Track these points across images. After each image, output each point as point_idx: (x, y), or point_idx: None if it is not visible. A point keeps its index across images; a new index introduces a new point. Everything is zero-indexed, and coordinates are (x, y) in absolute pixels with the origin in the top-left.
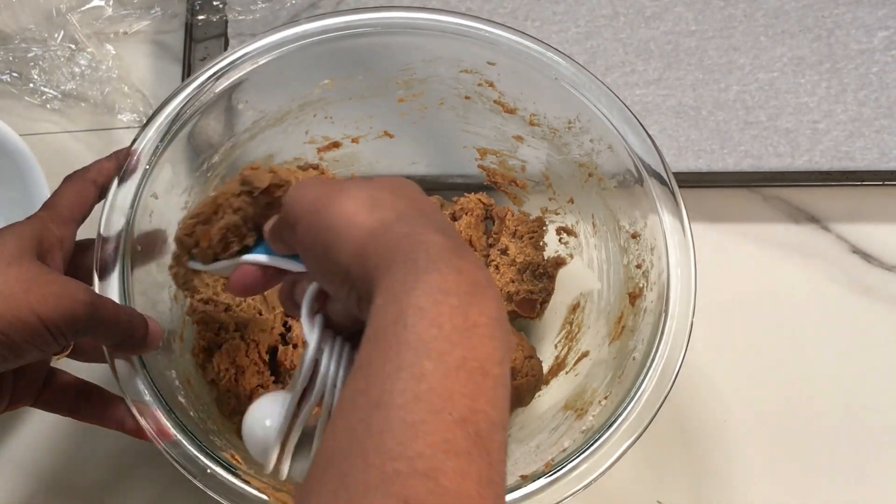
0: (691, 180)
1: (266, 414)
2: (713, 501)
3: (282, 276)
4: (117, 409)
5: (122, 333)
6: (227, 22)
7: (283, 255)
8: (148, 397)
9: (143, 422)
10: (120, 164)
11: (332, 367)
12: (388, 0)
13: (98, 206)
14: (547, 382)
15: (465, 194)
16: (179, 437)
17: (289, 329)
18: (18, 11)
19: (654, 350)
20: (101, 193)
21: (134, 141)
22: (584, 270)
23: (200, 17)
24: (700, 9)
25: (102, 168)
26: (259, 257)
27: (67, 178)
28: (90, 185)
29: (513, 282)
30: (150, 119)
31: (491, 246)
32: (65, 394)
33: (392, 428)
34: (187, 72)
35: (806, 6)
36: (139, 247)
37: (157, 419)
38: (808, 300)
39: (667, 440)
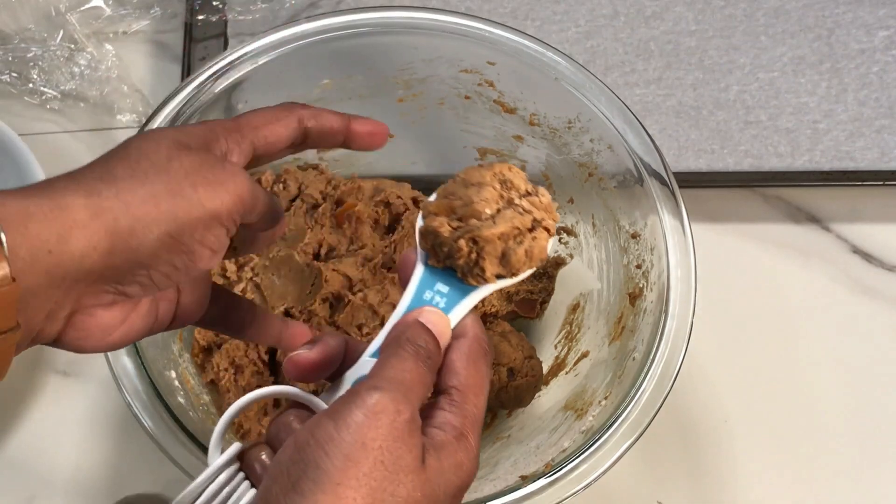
0: (691, 180)
1: None
2: (713, 501)
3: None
4: (273, 324)
5: (277, 216)
6: (226, 22)
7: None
8: (147, 397)
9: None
10: (348, 132)
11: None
12: (388, 0)
13: None
14: (547, 383)
15: None
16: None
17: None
18: (18, 11)
19: (654, 350)
20: (305, 141)
21: None
22: (584, 270)
23: (200, 17)
24: (700, 8)
25: (321, 115)
26: (288, 390)
27: (280, 104)
28: (292, 118)
29: None
30: (150, 119)
31: None
32: (224, 309)
33: None
34: (187, 72)
35: (806, 6)
36: None
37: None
38: (808, 300)
39: (667, 440)
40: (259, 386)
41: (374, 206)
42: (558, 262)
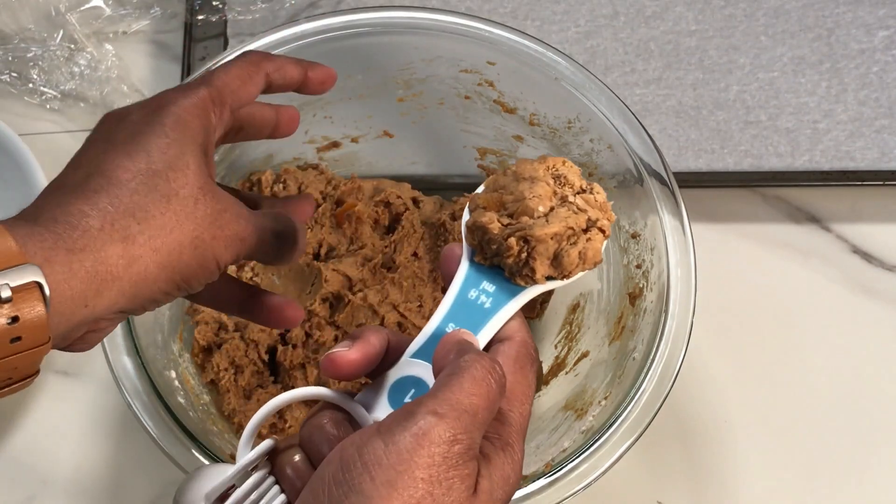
0: (691, 180)
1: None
2: (713, 501)
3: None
4: (288, 307)
5: (286, 242)
6: (226, 22)
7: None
8: (147, 397)
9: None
10: (304, 80)
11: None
12: (388, 0)
13: None
14: (547, 383)
15: (465, 194)
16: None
17: (288, 329)
18: (18, 11)
19: (654, 350)
20: (266, 90)
21: None
22: None
23: (200, 17)
24: (700, 8)
25: (284, 67)
26: (325, 393)
27: (241, 56)
28: (261, 75)
29: None
30: None
31: None
32: (234, 292)
33: None
34: (187, 71)
35: (806, 6)
36: None
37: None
38: (808, 300)
39: (667, 440)
40: (259, 386)
41: (374, 206)
42: None
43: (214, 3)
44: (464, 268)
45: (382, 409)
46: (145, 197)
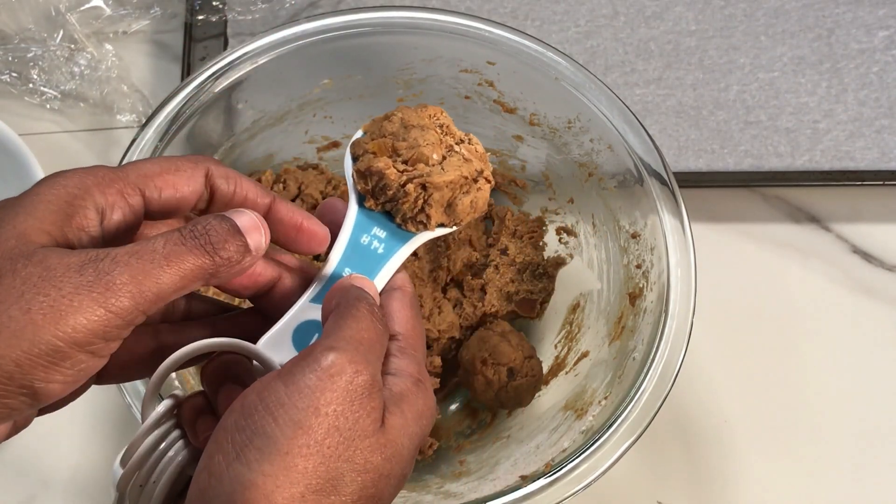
0: (691, 180)
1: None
2: (713, 501)
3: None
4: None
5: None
6: (226, 22)
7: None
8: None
9: None
10: (271, 213)
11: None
12: (388, 0)
13: None
14: (547, 382)
15: None
16: None
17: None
18: (18, 11)
19: (654, 350)
20: (211, 201)
21: (133, 141)
22: (584, 270)
23: (200, 17)
24: (700, 8)
25: (237, 179)
26: (229, 342)
27: (184, 156)
28: (197, 170)
29: (513, 282)
30: (150, 119)
31: (491, 246)
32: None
33: None
34: (186, 71)
35: (806, 6)
36: None
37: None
38: (808, 300)
39: (667, 440)
40: None
41: None
42: (558, 262)
43: (214, 3)
44: (352, 213)
45: (287, 354)
46: None
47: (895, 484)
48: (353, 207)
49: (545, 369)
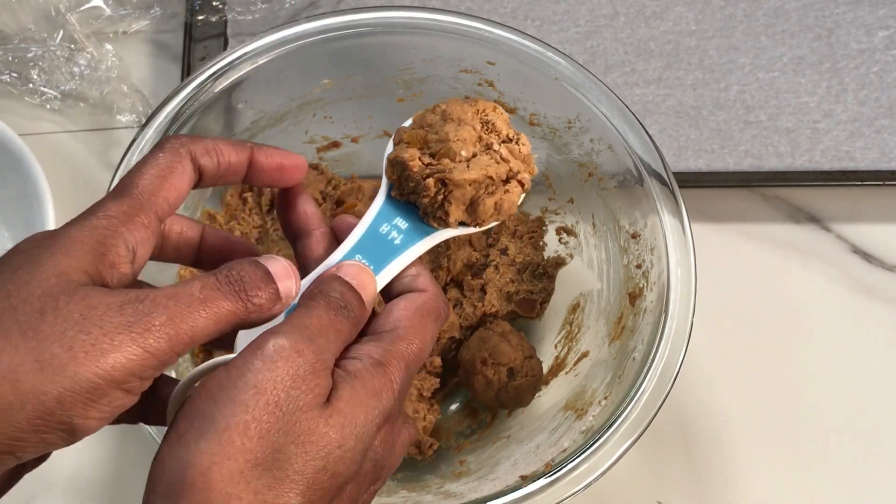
0: (691, 180)
1: None
2: (713, 501)
3: None
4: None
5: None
6: (226, 22)
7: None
8: None
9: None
10: (253, 164)
11: None
12: (388, 0)
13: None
14: (547, 382)
15: None
16: None
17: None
18: (18, 11)
19: (654, 350)
20: (200, 181)
21: (133, 141)
22: (584, 270)
23: (200, 17)
24: (700, 8)
25: (217, 149)
26: None
27: (158, 145)
28: (184, 163)
29: (512, 282)
30: (150, 119)
31: (490, 246)
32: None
33: None
34: (186, 71)
35: (806, 6)
36: None
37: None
38: (808, 300)
39: (667, 440)
40: None
41: None
42: (558, 262)
43: (214, 3)
44: (379, 200)
45: None
46: None
47: (895, 484)
48: (381, 196)
49: (545, 369)
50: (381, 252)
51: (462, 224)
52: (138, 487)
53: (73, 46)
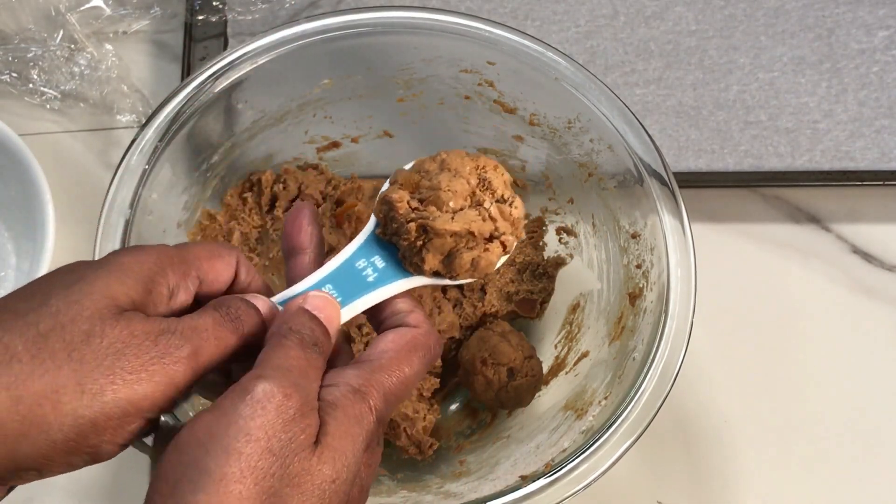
0: (691, 180)
1: None
2: (713, 501)
3: None
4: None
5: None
6: (226, 22)
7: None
8: None
9: None
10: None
11: None
12: (388, 0)
13: (96, 205)
14: (547, 383)
15: None
16: None
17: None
18: (18, 11)
19: (654, 350)
20: (231, 287)
21: (133, 141)
22: (584, 270)
23: (200, 17)
24: (700, 8)
25: (252, 275)
26: None
27: (217, 242)
28: (234, 260)
29: (512, 282)
30: (150, 119)
31: None
32: None
33: None
34: (186, 71)
35: (806, 6)
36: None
37: None
38: (808, 300)
39: (667, 440)
40: None
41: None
42: (558, 262)
43: (214, 3)
44: (363, 236)
45: None
46: (17, 332)
47: (895, 484)
48: (366, 231)
49: (545, 369)
50: (352, 286)
51: (436, 274)
52: (137, 488)
53: (73, 46)
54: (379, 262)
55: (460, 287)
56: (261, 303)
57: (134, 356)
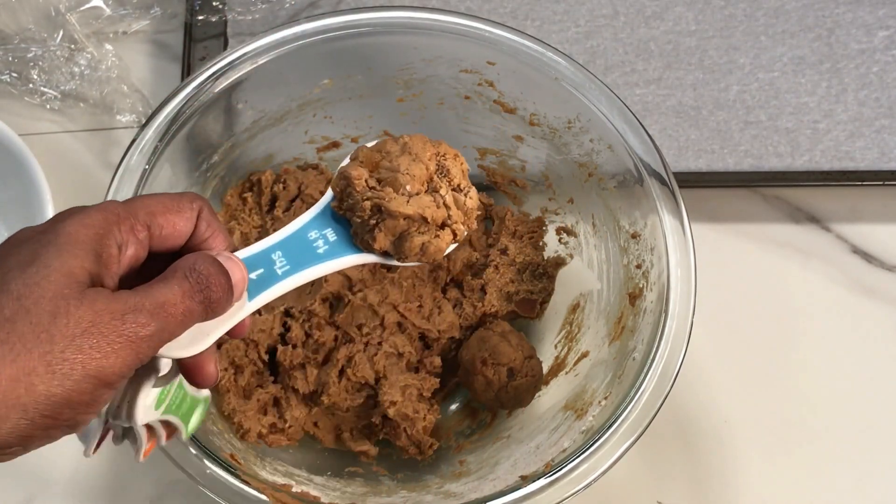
0: (691, 180)
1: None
2: (713, 501)
3: None
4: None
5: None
6: (226, 22)
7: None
8: None
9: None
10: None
11: None
12: (388, 0)
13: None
14: (547, 383)
15: None
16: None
17: (288, 329)
18: (18, 11)
19: (654, 350)
20: (190, 240)
21: (133, 141)
22: (584, 270)
23: (200, 17)
24: (700, 8)
25: (214, 226)
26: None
27: (180, 194)
28: (191, 209)
29: (512, 282)
30: (150, 119)
31: (490, 246)
32: None
33: None
34: (186, 71)
35: (806, 6)
36: None
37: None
38: (808, 300)
39: (667, 440)
40: (259, 386)
41: None
42: (558, 262)
43: (214, 3)
44: (319, 207)
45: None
46: None
47: (895, 484)
48: (321, 203)
49: (545, 369)
50: (301, 255)
51: (385, 254)
52: (137, 488)
53: (73, 46)
54: (331, 235)
55: (460, 287)
56: (232, 265)
57: (101, 335)
